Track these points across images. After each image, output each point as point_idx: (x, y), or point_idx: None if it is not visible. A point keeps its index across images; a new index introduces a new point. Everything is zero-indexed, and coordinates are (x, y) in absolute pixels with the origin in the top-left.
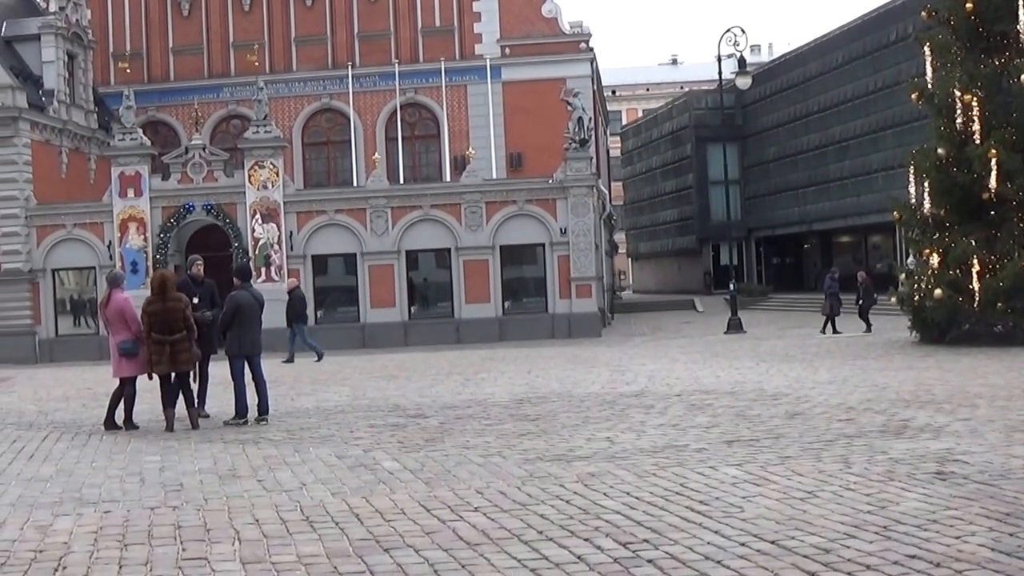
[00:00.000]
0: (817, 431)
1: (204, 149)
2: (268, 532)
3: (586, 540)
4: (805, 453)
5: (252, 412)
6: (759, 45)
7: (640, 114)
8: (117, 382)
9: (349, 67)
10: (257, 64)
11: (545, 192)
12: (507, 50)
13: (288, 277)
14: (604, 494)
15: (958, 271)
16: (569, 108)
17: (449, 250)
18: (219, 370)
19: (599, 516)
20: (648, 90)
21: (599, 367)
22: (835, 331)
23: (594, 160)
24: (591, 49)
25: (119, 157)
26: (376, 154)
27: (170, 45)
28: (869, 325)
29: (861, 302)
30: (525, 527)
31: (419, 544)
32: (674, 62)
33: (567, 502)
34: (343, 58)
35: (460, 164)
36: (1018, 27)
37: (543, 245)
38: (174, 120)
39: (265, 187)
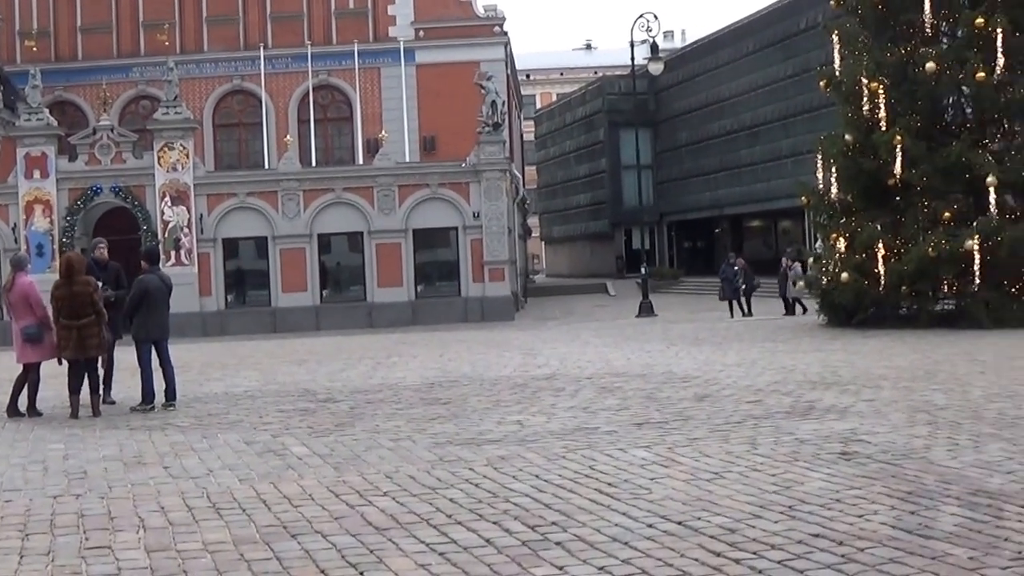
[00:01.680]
0: (725, 413)
1: (112, 130)
2: (174, 520)
3: (495, 523)
4: (713, 435)
5: (159, 398)
6: (672, 31)
7: (554, 98)
8: (20, 368)
9: (261, 48)
10: (167, 44)
11: (458, 176)
12: (421, 33)
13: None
14: (513, 477)
15: (864, 255)
16: (483, 92)
17: (361, 233)
18: (125, 355)
19: (508, 499)
20: (562, 74)
21: (511, 350)
22: (743, 313)
23: (507, 144)
24: (505, 33)
25: (24, 138)
26: (288, 136)
27: (78, 23)
28: (749, 309)
29: (744, 287)
30: (434, 511)
31: (327, 530)
32: (588, 47)
33: (476, 485)
34: (255, 39)
35: (373, 147)
36: (924, 16)
37: (456, 229)
38: (82, 100)
39: (175, 169)
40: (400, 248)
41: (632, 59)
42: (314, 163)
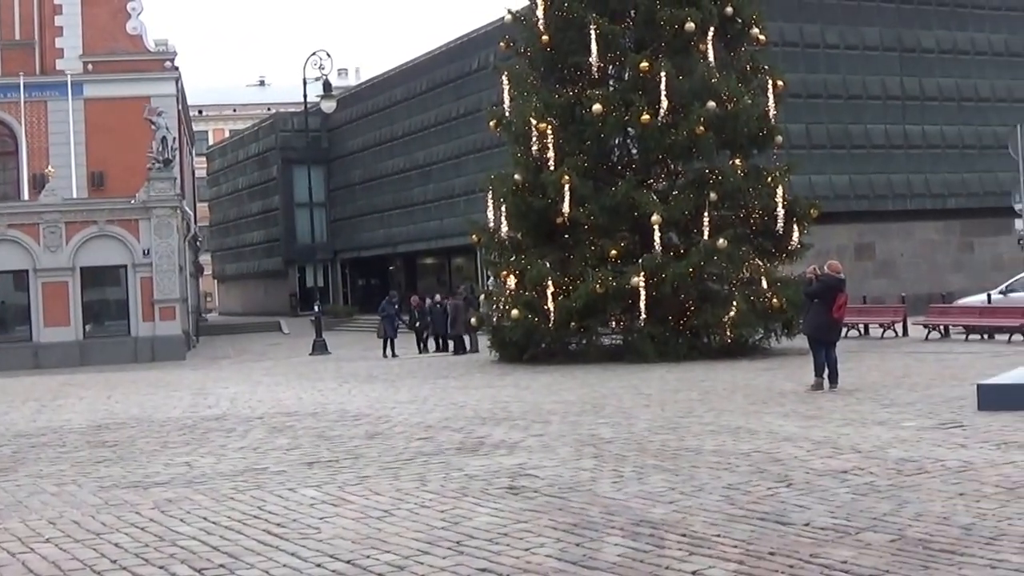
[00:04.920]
0: (396, 450)
1: None
2: None
3: (161, 568)
4: (383, 472)
5: None
6: (347, 69)
7: (227, 135)
8: None
9: None
10: None
11: (128, 212)
12: (90, 66)
13: None
14: (181, 520)
15: (534, 292)
16: (153, 127)
17: (27, 271)
18: None
19: (175, 543)
20: (235, 111)
21: (182, 390)
22: (394, 354)
23: (179, 180)
24: (176, 68)
25: None
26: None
27: None
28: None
29: (418, 324)
30: (99, 556)
31: None
32: (262, 83)
33: (143, 529)
34: None
35: (39, 182)
36: (591, 59)
37: (126, 267)
38: None
39: None
40: (67, 287)
41: (305, 96)
42: None
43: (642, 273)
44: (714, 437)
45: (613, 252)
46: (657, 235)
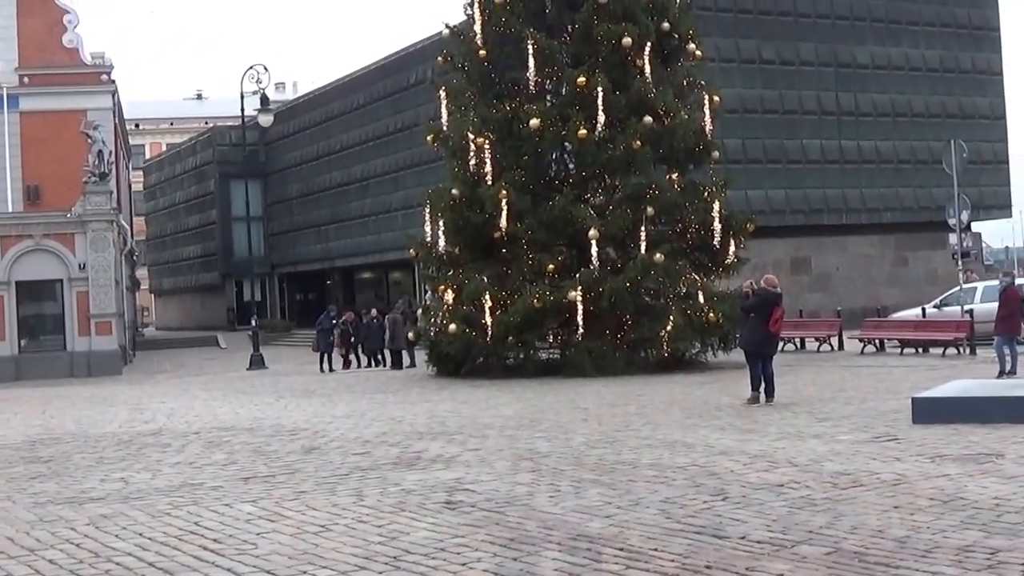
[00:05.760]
0: (333, 465)
1: None
2: None
3: None
4: (320, 487)
5: None
6: (284, 83)
7: (164, 148)
8: None
9: None
10: None
11: (63, 226)
12: (26, 79)
13: None
14: (116, 536)
15: (472, 307)
16: (89, 141)
17: None
18: None
19: (110, 559)
20: (172, 124)
21: (117, 406)
22: (331, 368)
23: (115, 194)
24: (113, 81)
25: None
26: None
27: None
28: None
29: (352, 339)
30: (33, 573)
31: None
32: (199, 97)
33: (78, 546)
34: None
35: None
36: (528, 74)
37: (61, 281)
38: None
39: None
40: (2, 301)
41: (242, 110)
42: None
43: (579, 287)
44: (651, 451)
45: (550, 267)
46: (594, 250)
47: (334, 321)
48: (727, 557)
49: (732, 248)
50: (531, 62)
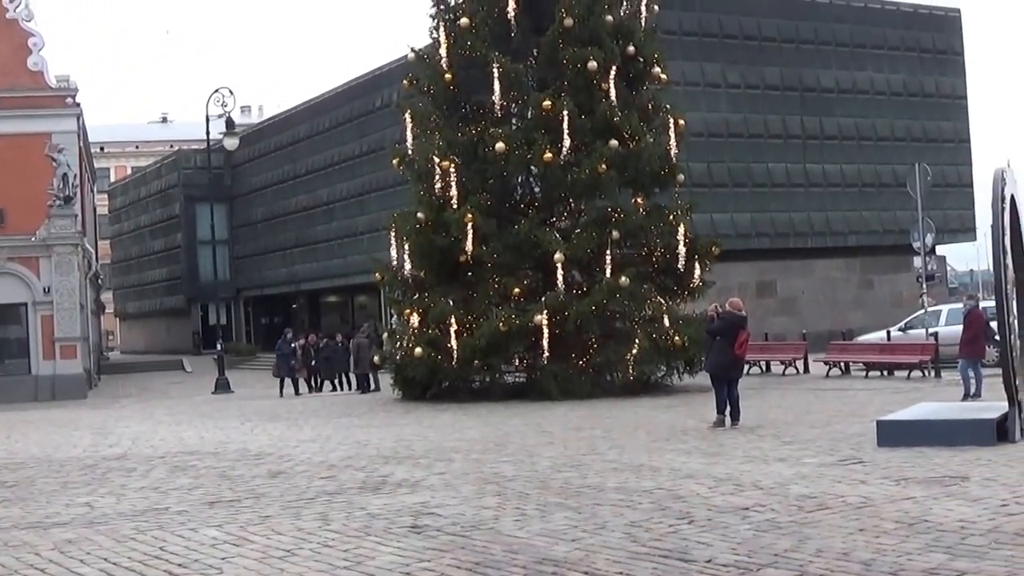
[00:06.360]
0: (298, 489)
1: None
2: None
3: None
4: (285, 512)
5: None
6: (250, 106)
7: (129, 171)
8: None
9: None
10: None
11: (28, 250)
12: None
13: None
14: (81, 561)
15: (438, 330)
16: (54, 164)
17: None
18: None
19: None
20: (138, 147)
21: (82, 430)
22: (296, 392)
23: (80, 218)
24: (78, 104)
25: None
26: None
27: None
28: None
29: (314, 363)
30: None
31: None
32: (164, 120)
33: (42, 571)
34: None
35: None
36: (494, 98)
37: (26, 305)
38: None
39: None
40: None
41: (208, 133)
42: None
43: (545, 311)
44: (617, 474)
45: (516, 290)
46: (560, 273)
47: (292, 345)
48: None
49: (697, 272)
50: (496, 86)
